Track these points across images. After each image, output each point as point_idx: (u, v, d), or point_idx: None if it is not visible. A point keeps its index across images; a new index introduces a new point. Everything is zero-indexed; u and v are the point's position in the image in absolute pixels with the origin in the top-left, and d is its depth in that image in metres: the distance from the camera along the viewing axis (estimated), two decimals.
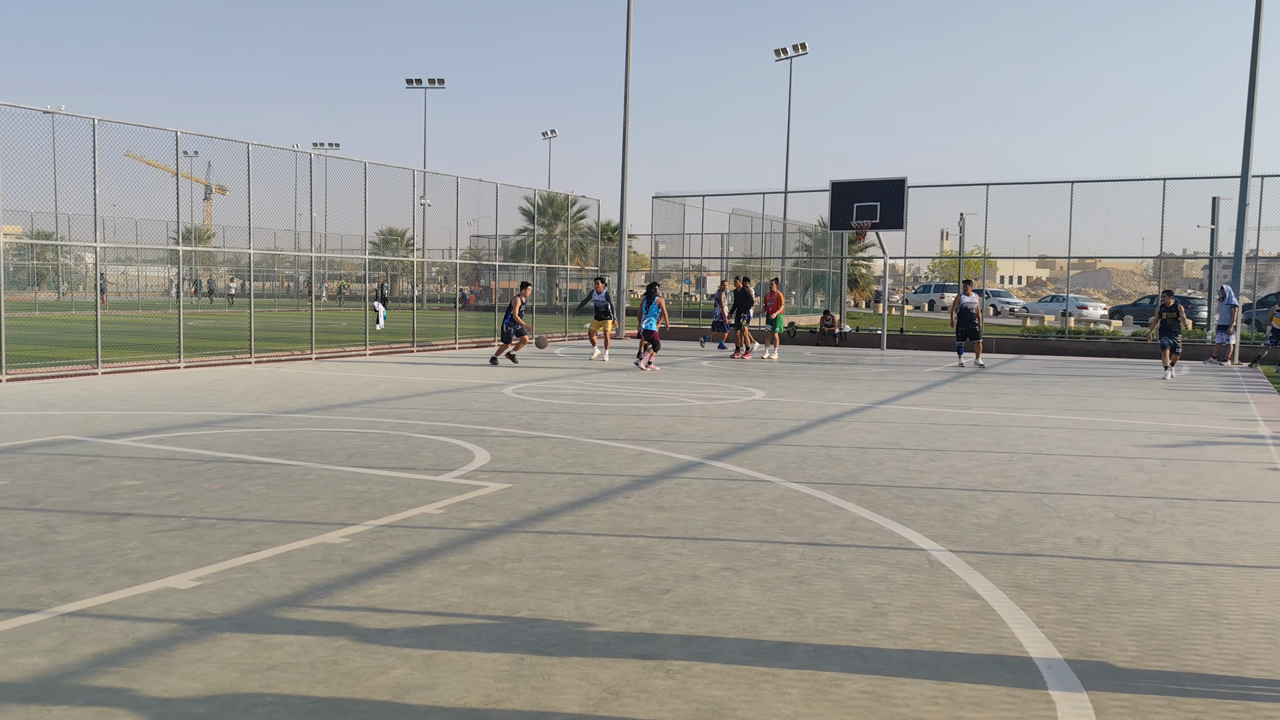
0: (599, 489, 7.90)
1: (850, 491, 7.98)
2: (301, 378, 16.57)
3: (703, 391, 15.62)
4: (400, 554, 6.04)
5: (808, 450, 9.97)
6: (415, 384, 15.83)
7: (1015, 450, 10.25)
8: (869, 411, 13.33)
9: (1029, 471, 9.04)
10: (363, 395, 14.13)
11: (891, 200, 26.01)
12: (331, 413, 12.18)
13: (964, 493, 8.03)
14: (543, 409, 12.92)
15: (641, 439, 10.51)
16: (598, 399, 14.26)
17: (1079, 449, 10.37)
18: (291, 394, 14.18)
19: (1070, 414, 13.40)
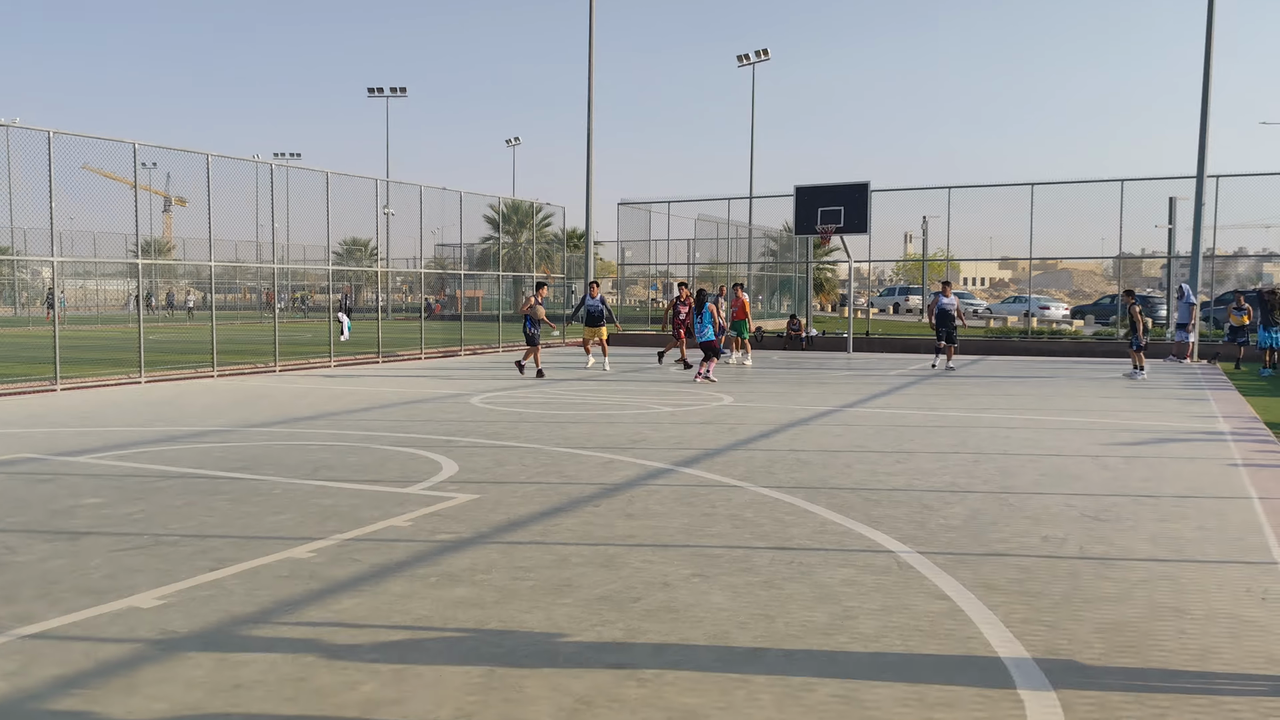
0: (568, 498, 7.88)
1: (819, 495, 8.02)
2: (265, 391, 16.41)
3: (672, 398, 15.63)
4: (368, 568, 5.99)
5: (776, 454, 10.00)
6: (381, 395, 15.73)
7: (981, 451, 10.35)
8: (837, 415, 13.40)
9: (995, 471, 9.13)
10: (328, 408, 14.03)
11: (855, 204, 26.20)
12: (296, 426, 12.07)
13: (931, 494, 8.09)
14: (510, 418, 12.88)
15: (610, 446, 10.51)
16: (566, 407, 14.23)
17: (1044, 448, 10.48)
18: (255, 407, 14.04)
19: (1035, 414, 13.55)
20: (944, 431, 11.77)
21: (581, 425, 12.22)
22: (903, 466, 9.35)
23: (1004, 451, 10.30)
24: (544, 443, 10.74)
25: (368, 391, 16.35)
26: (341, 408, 13.99)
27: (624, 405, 14.48)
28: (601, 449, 10.34)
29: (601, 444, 10.71)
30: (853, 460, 9.69)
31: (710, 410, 13.88)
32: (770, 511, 7.45)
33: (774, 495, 8.01)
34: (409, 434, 11.39)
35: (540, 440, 10.91)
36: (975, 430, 11.91)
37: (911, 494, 8.09)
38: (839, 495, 8.02)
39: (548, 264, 53.00)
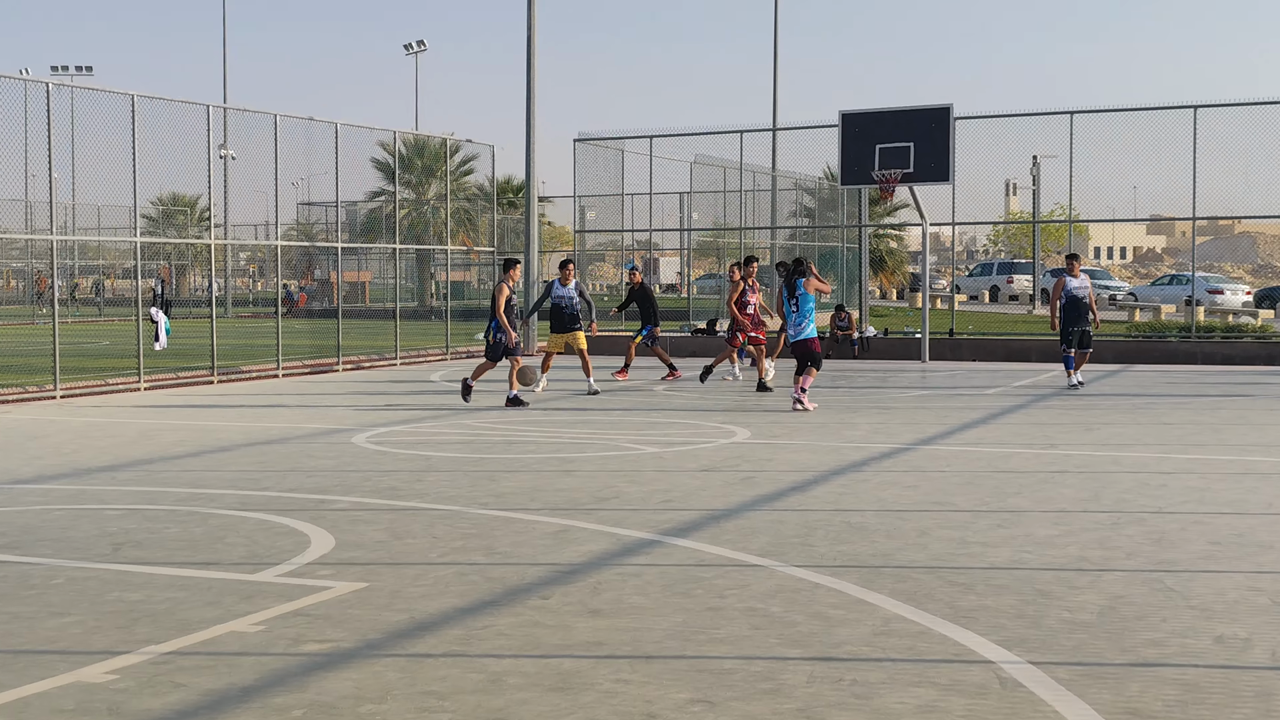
0: (502, 586, 7.86)
1: (880, 578, 8.03)
2: (39, 428, 16.31)
3: (658, 431, 15.61)
4: (198, 696, 5.95)
5: (816, 517, 10.00)
6: (218, 433, 15.66)
7: (1123, 508, 10.39)
8: (906, 456, 13.41)
9: (1144, 539, 9.17)
10: (136, 452, 13.96)
11: (931, 139, 26.39)
12: (88, 481, 12.00)
13: (1049, 574, 8.12)
14: (415, 465, 12.83)
15: (566, 506, 10.48)
16: (499, 448, 14.20)
17: (1217, 504, 10.56)
18: (25, 453, 13.94)
19: (1202, 452, 13.65)
20: (1068, 480, 11.81)
21: (522, 475, 12.19)
22: (1006, 533, 9.37)
23: (1157, 509, 10.35)
24: (465, 502, 10.69)
25: (197, 428, 16.27)
26: (157, 453, 13.91)
27: (586, 443, 14.45)
28: (553, 511, 10.30)
29: (552, 503, 10.67)
30: (930, 524, 9.70)
31: (715, 451, 13.88)
32: (807, 603, 7.45)
33: (812, 578, 8.02)
34: (260, 491, 11.32)
35: (460, 499, 10.87)
36: (1114, 477, 11.95)
37: (1020, 574, 8.11)
38: (910, 577, 8.04)
39: (468, 231, 53.04)
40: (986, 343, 28.52)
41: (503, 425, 16.24)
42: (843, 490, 11.31)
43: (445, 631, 6.95)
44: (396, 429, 15.97)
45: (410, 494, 11.17)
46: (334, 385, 22.48)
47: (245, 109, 24.29)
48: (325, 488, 11.54)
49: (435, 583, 7.95)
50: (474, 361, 28.12)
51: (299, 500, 10.90)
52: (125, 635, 6.91)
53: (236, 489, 11.48)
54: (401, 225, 39.11)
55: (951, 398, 19.53)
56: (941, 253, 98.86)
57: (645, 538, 9.28)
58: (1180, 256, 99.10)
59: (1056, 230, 68.74)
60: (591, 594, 7.68)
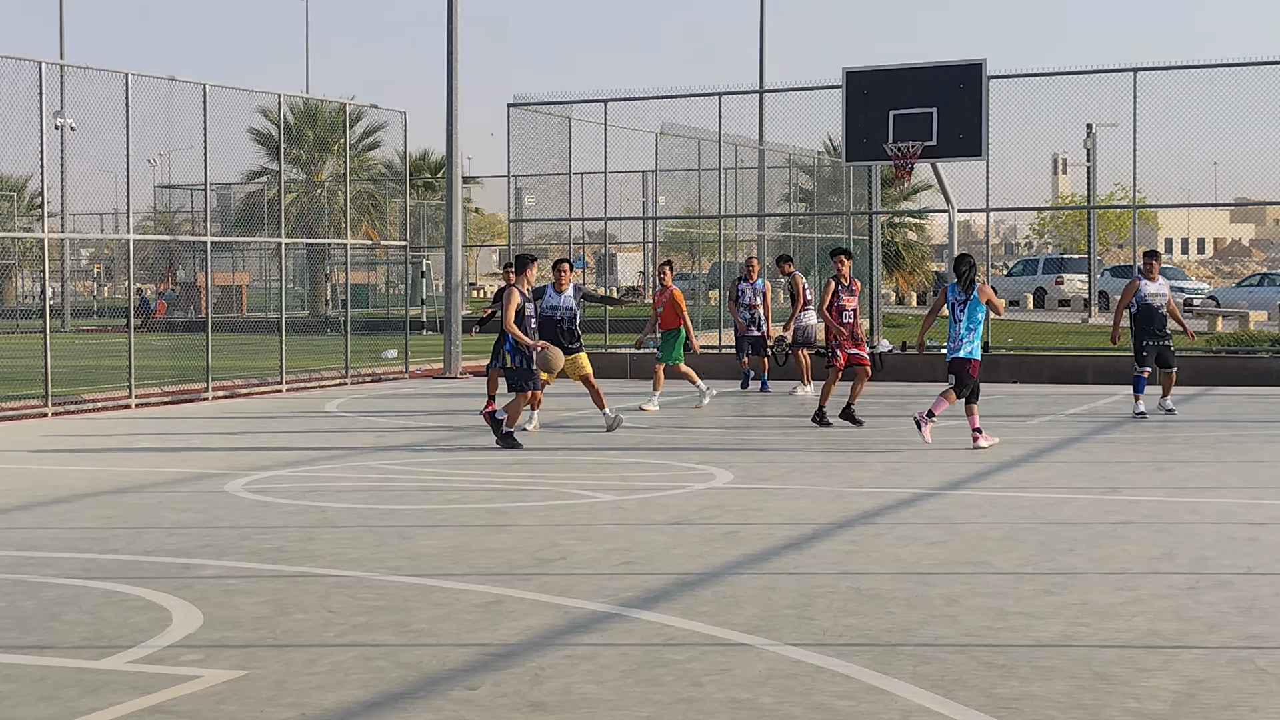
0: (418, 673, 7.83)
1: (899, 659, 8.03)
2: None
3: (616, 473, 15.58)
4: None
5: (817, 581, 10.00)
6: (54, 480, 15.57)
7: (1203, 568, 10.42)
8: (929, 503, 13.43)
9: (1229, 607, 9.20)
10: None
11: (958, 104, 26.50)
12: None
13: (1110, 652, 8.14)
14: (306, 519, 12.77)
15: (500, 571, 10.45)
16: (414, 496, 14.14)
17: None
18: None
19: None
20: (1133, 533, 11.85)
21: (444, 531, 12.15)
22: (1057, 601, 9.40)
23: (1246, 569, 10.39)
24: (370, 566, 10.65)
25: (28, 473, 16.17)
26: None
27: (526, 489, 14.41)
28: (482, 577, 10.27)
29: (482, 566, 10.64)
30: (961, 590, 9.72)
31: (689, 498, 13.86)
32: (806, 692, 7.45)
33: (813, 660, 8.01)
34: (108, 554, 11.24)
35: (363, 562, 10.82)
36: (1192, 529, 12.00)
37: (1074, 653, 8.13)
38: (937, 658, 8.04)
39: (374, 220, 52.93)
40: (1030, 360, 28.62)
41: (419, 468, 16.17)
42: (851, 548, 11.30)
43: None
44: (282, 473, 15.86)
45: (300, 556, 11.09)
46: (202, 418, 22.34)
47: (88, 67, 24.13)
48: (191, 549, 11.43)
49: (332, 670, 7.89)
50: (382, 388, 28.04)
51: (157, 565, 10.80)
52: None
53: (78, 551, 11.36)
54: (289, 213, 38.87)
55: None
56: (973, 246, 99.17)
57: (600, 610, 9.24)
58: (1273, 250, 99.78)
59: (1117, 218, 69.16)
60: (532, 683, 7.64)
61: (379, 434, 19.81)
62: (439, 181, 60.25)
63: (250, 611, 9.28)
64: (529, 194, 37.14)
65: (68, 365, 29.00)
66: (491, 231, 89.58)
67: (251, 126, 43.56)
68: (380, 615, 9.15)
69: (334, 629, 8.82)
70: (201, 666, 7.98)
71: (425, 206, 57.80)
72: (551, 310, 19.29)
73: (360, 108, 35.55)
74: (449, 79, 30.16)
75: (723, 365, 28.29)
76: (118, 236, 25.97)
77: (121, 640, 8.57)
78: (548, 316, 19.18)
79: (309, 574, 10.43)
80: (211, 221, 29.36)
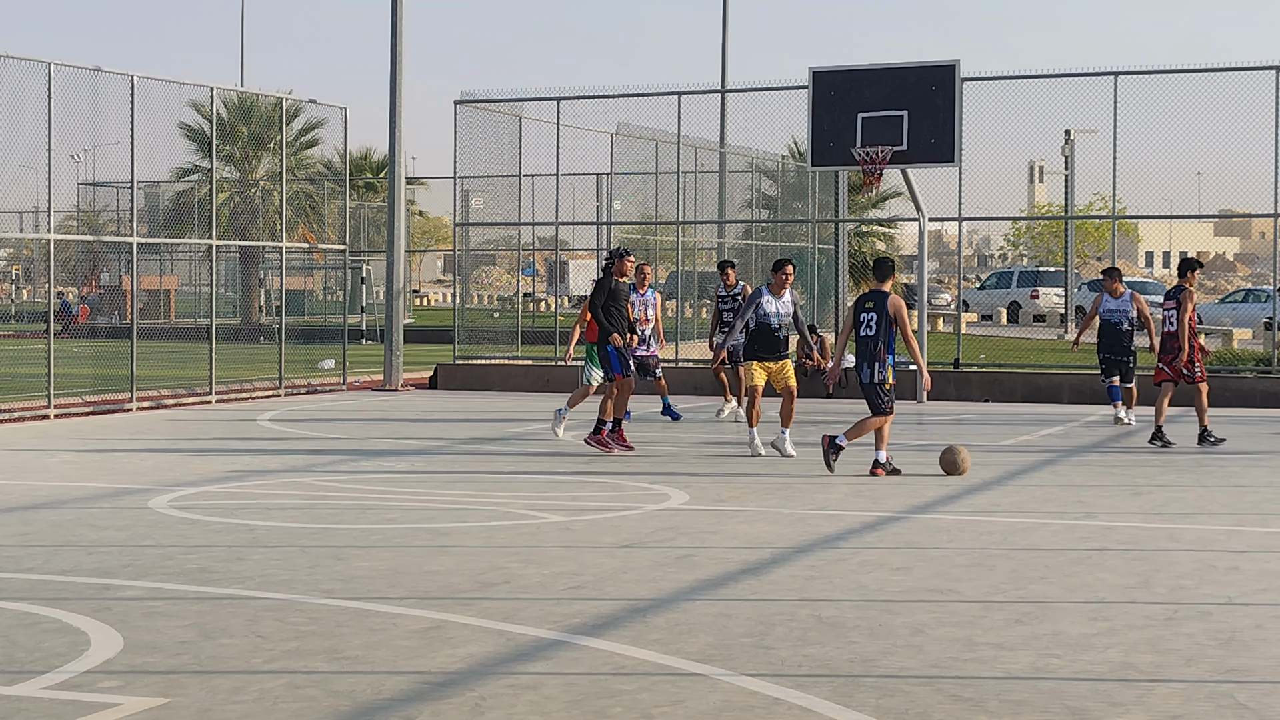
0: (351, 703, 7.80)
1: (860, 690, 8.04)
2: None
3: (564, 492, 15.55)
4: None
5: (775, 608, 9.99)
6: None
7: (1182, 598, 10.44)
8: (895, 527, 13.44)
9: (1208, 639, 9.23)
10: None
11: (930, 107, 26.59)
12: None
13: (1083, 685, 8.16)
14: (234, 538, 12.71)
15: (440, 595, 10.42)
16: (349, 514, 14.09)
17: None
18: None
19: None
20: (1108, 561, 11.88)
21: (380, 551, 12.10)
22: (1028, 631, 9.41)
23: (1226, 599, 10.42)
24: (302, 589, 10.60)
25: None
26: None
27: (467, 508, 14.38)
28: (421, 601, 10.24)
29: (420, 590, 10.60)
30: (927, 619, 9.72)
31: (641, 519, 13.84)
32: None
33: (770, 691, 8.01)
34: (21, 574, 11.17)
35: (294, 584, 10.78)
36: (1170, 557, 12.04)
37: (1045, 686, 8.14)
38: (900, 690, 8.05)
39: (311, 222, 52.75)
40: (1003, 377, 28.71)
41: (355, 485, 16.12)
42: (811, 574, 11.29)
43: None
44: (210, 489, 15.78)
45: (227, 578, 11.03)
46: (125, 430, 22.23)
47: (8, 54, 24.01)
48: (111, 569, 11.36)
49: (259, 698, 7.85)
50: (318, 400, 27.95)
51: (75, 585, 10.73)
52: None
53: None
54: (221, 214, 38.65)
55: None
56: (945, 257, 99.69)
57: (545, 637, 9.22)
58: (1259, 265, 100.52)
59: (1096, 229, 69.69)
60: (472, 713, 7.62)
61: (313, 448, 19.74)
62: (381, 182, 60.23)
63: (173, 635, 9.20)
64: (476, 196, 37.06)
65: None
66: (436, 236, 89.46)
67: (182, 121, 43.56)
68: (312, 641, 9.10)
69: (262, 655, 8.76)
70: (121, 694, 7.92)
71: (366, 208, 57.72)
72: (767, 318, 18.51)
73: (298, 103, 35.47)
74: (392, 73, 30.13)
75: (679, 381, 28.35)
76: (38, 236, 25.83)
77: (35, 665, 8.50)
78: (764, 324, 18.51)
79: (236, 596, 10.37)
80: (138, 222, 29.22)
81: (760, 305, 18.34)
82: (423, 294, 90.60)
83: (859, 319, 16.77)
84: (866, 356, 16.66)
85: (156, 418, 24.26)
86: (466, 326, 34.72)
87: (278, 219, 34.07)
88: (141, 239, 28.97)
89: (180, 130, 44.07)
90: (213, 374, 27.35)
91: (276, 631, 9.34)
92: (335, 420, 23.87)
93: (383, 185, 55.57)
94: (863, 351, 16.73)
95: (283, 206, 31.64)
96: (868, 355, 16.66)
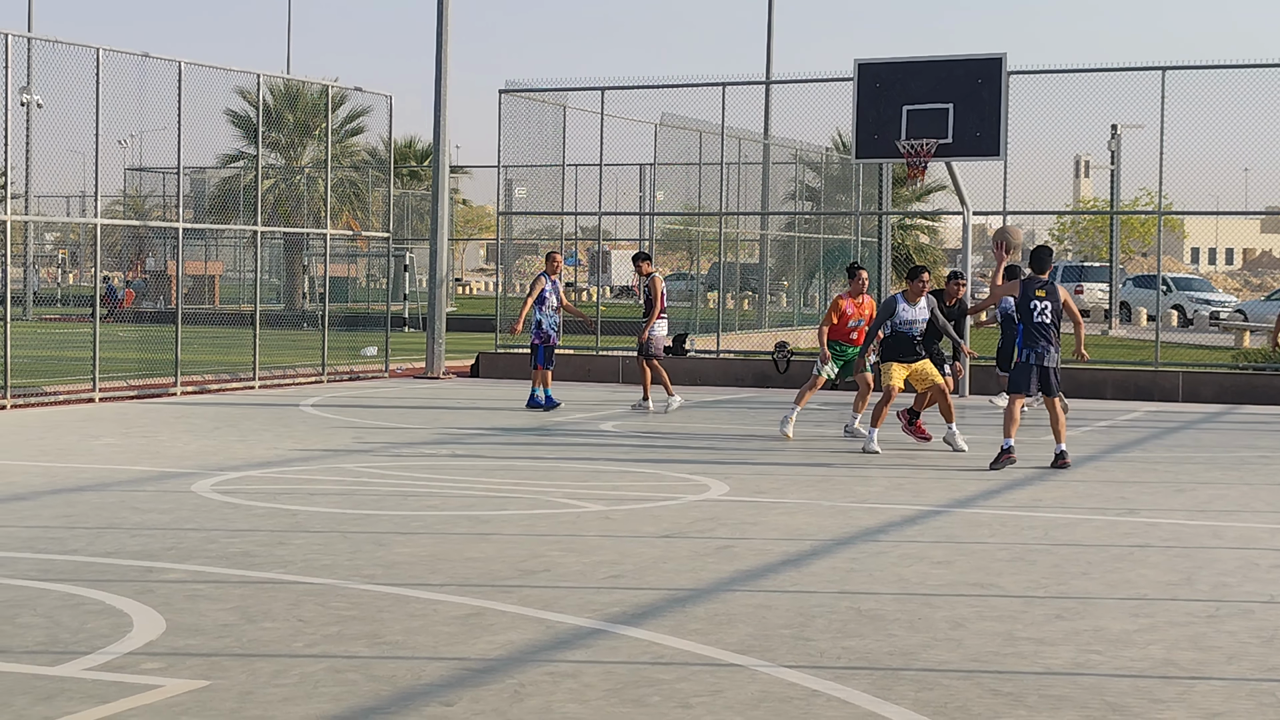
0: (391, 688, 7.83)
1: (899, 683, 8.04)
2: None
3: (605, 482, 15.57)
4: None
5: (814, 600, 10.01)
6: (10, 475, 15.60)
7: (1224, 595, 10.43)
8: (936, 521, 13.43)
9: (1250, 637, 9.21)
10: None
11: (976, 101, 26.48)
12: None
13: (1123, 681, 8.14)
14: (276, 523, 12.77)
15: (480, 582, 10.44)
16: (390, 500, 14.12)
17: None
18: None
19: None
20: (1151, 557, 11.86)
21: (421, 538, 12.14)
22: (1069, 627, 9.40)
23: (1269, 597, 10.40)
24: (343, 574, 10.64)
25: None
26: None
27: (508, 496, 14.40)
28: (461, 588, 10.26)
29: (461, 577, 10.63)
30: (968, 613, 9.72)
31: (682, 510, 13.85)
32: (802, 716, 7.44)
33: (808, 683, 8.01)
34: (66, 555, 11.23)
35: (336, 569, 10.82)
36: (1213, 554, 12.01)
37: (1086, 682, 8.13)
38: (940, 683, 8.05)
39: (355, 210, 52.91)
40: None
41: (397, 472, 16.15)
42: (852, 566, 11.30)
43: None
44: (252, 474, 15.85)
45: (269, 562, 11.08)
46: (169, 414, 22.33)
47: (57, 40, 24.13)
48: (154, 551, 11.43)
49: (300, 682, 7.89)
50: (360, 387, 28.02)
51: (118, 568, 10.79)
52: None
53: (34, 551, 11.35)
54: (266, 201, 38.90)
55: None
56: (988, 251, 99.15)
57: (585, 625, 9.24)
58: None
59: (1141, 225, 69.18)
60: (511, 701, 7.64)
61: (355, 435, 19.80)
62: (425, 170, 60.24)
63: (215, 618, 9.26)
64: (520, 185, 37.09)
65: (29, 355, 29.00)
66: (479, 224, 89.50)
67: (228, 108, 43.57)
68: (353, 625, 9.14)
69: (303, 639, 8.80)
70: (162, 675, 7.96)
71: (410, 196, 57.79)
72: (905, 326, 18.65)
73: (344, 90, 35.57)
74: (438, 62, 30.14)
75: (719, 371, 28.37)
76: (85, 221, 25.95)
77: (78, 646, 8.55)
78: (901, 332, 18.67)
79: (278, 580, 10.42)
80: (184, 207, 29.35)
81: (897, 313, 18.49)
82: (465, 282, 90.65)
83: (1030, 306, 17.13)
84: (1046, 340, 17.15)
85: (200, 402, 24.35)
86: (509, 315, 34.65)
87: (322, 206, 34.16)
88: (187, 224, 29.13)
89: (226, 117, 44.14)
90: (256, 360, 27.44)
91: (318, 616, 9.38)
92: (377, 407, 23.92)
93: (427, 173, 55.53)
94: (1038, 337, 17.13)
95: (327, 194, 31.68)
96: (1047, 339, 17.15)
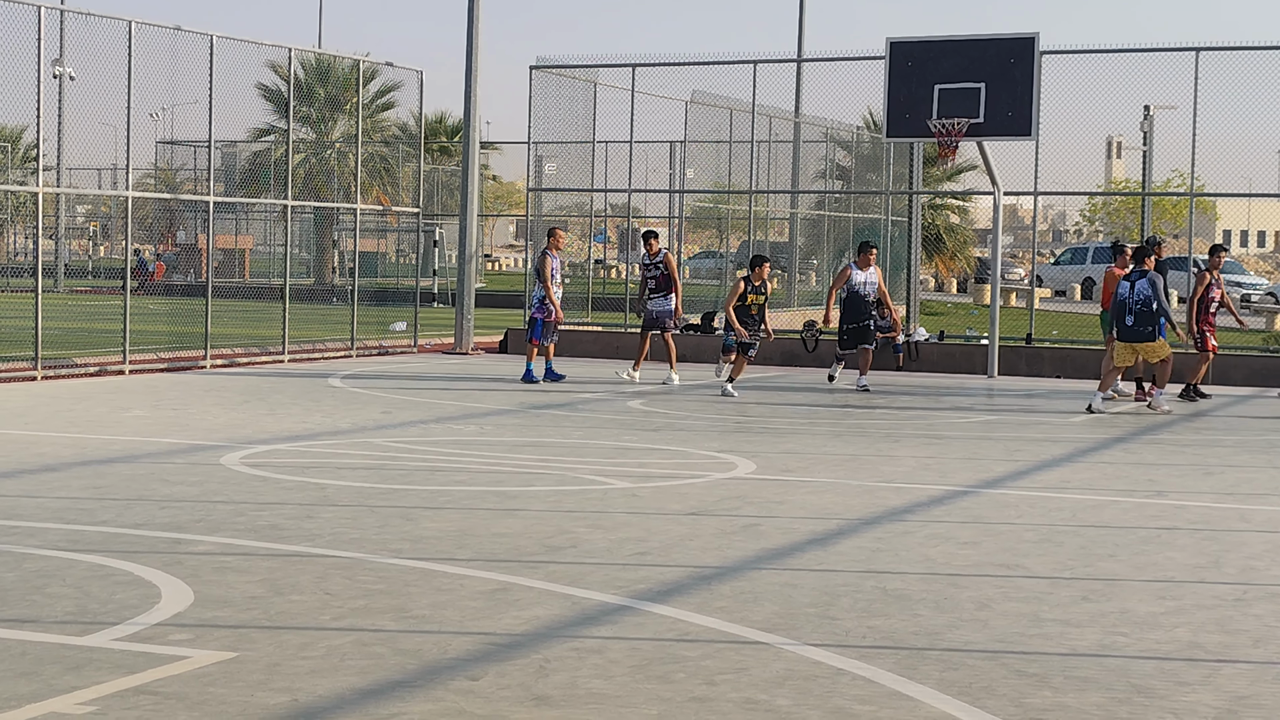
0: (417, 661, 7.85)
1: (924, 663, 8.04)
2: None
3: (632, 459, 15.58)
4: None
5: (840, 579, 10.01)
6: (41, 446, 15.65)
7: (1251, 578, 10.40)
8: (963, 501, 13.41)
9: (1276, 620, 9.20)
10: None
11: (1008, 80, 26.36)
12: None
13: (1149, 664, 8.13)
14: (304, 496, 12.80)
15: (506, 558, 10.46)
16: (418, 475, 14.15)
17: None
18: None
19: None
20: (1179, 540, 11.84)
21: (449, 513, 12.17)
22: (1095, 609, 9.39)
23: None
24: (370, 548, 10.67)
25: (13, 438, 16.25)
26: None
27: (536, 473, 14.43)
28: (488, 563, 10.29)
29: (487, 552, 10.66)
30: (994, 594, 9.72)
31: (708, 487, 13.86)
32: (825, 695, 7.45)
33: (834, 661, 8.02)
34: (95, 526, 11.28)
35: (363, 543, 10.85)
36: (1240, 538, 11.98)
37: (1111, 664, 8.12)
38: (965, 664, 8.04)
39: (384, 185, 52.99)
40: (1075, 354, 28.48)
41: (424, 447, 16.18)
42: (878, 546, 11.30)
43: (337, 718, 6.93)
44: (281, 447, 15.89)
45: (297, 535, 11.12)
46: (199, 387, 22.39)
47: (90, 12, 24.15)
48: (183, 523, 11.47)
49: (327, 654, 7.91)
50: (389, 362, 28.09)
51: (147, 539, 10.83)
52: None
53: (64, 522, 11.40)
54: (296, 175, 38.97)
55: (1026, 425, 19.54)
56: (1019, 232, 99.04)
57: (610, 601, 9.26)
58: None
59: (1173, 206, 68.90)
60: (537, 676, 7.65)
61: (384, 409, 19.85)
62: (455, 146, 60.16)
63: (243, 591, 9.30)
64: (550, 162, 37.06)
65: (60, 327, 29.09)
66: (509, 201, 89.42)
67: (260, 82, 43.70)
68: (380, 599, 9.17)
69: (330, 612, 8.83)
70: (190, 647, 8.00)
71: (440, 172, 57.74)
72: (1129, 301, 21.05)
73: (375, 65, 35.66)
74: (469, 37, 30.12)
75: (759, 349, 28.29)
76: (116, 193, 26.00)
77: (107, 616, 8.59)
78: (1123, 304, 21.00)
79: (306, 554, 10.45)
80: (215, 181, 29.42)
81: (1118, 292, 20.91)
82: (495, 258, 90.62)
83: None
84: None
85: (230, 375, 24.41)
86: None
87: (352, 181, 34.20)
88: (218, 198, 29.21)
89: (258, 90, 44.33)
90: (286, 333, 27.50)
91: (345, 589, 9.41)
92: (406, 381, 23.95)
93: (457, 149, 55.55)
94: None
95: (357, 168, 31.76)
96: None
